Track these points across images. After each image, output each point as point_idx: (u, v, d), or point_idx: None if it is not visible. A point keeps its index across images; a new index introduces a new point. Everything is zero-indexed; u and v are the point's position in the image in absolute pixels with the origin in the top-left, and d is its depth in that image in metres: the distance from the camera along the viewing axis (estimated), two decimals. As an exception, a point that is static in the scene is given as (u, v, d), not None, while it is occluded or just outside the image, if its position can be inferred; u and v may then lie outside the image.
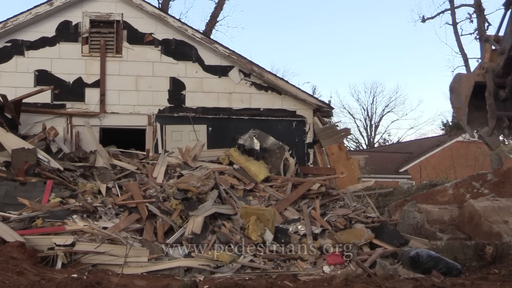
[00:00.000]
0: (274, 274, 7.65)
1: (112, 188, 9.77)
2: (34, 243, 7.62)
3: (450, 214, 11.09)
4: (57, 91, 11.85)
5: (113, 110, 12.03)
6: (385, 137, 54.99)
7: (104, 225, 8.47)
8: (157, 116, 12.14)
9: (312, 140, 12.63)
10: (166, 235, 8.58)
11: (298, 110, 12.67)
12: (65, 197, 9.12)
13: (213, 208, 9.09)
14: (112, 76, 12.07)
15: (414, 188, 19.99)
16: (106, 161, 10.76)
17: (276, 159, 11.84)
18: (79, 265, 7.46)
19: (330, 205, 10.23)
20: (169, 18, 12.47)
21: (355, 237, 8.99)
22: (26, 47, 11.89)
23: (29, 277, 6.23)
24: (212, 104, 12.37)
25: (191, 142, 11.83)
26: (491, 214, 10.05)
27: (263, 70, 12.56)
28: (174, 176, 10.42)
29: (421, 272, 7.86)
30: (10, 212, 8.53)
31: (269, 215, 9.20)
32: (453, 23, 27.21)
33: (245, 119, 12.39)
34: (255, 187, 10.73)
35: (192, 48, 12.41)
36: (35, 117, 11.60)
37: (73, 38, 12.04)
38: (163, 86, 12.25)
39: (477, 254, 9.04)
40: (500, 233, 9.59)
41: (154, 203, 9.02)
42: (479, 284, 6.74)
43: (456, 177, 19.61)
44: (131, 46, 12.20)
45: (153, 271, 7.63)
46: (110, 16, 12.15)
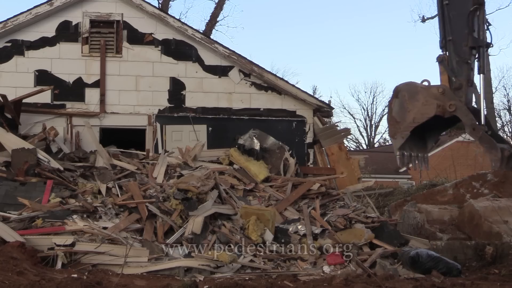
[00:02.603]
0: (274, 274, 7.65)
1: (112, 188, 9.76)
2: (34, 243, 7.61)
3: (450, 214, 11.07)
4: (57, 91, 11.85)
5: (113, 110, 12.03)
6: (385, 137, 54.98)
7: (104, 225, 8.47)
8: (157, 116, 12.14)
9: (312, 140, 12.63)
10: (166, 235, 8.58)
11: (298, 110, 12.66)
12: (65, 197, 9.12)
13: (213, 208, 9.09)
14: (112, 76, 12.07)
15: (414, 188, 19.98)
16: (106, 161, 10.76)
17: (276, 159, 11.84)
18: (79, 265, 7.45)
19: (330, 205, 10.22)
20: (169, 18, 12.47)
21: (355, 237, 8.98)
22: (26, 47, 11.89)
23: (29, 277, 6.22)
24: (212, 104, 12.37)
25: (191, 142, 11.83)
26: (491, 214, 10.03)
27: (263, 70, 12.56)
28: (174, 176, 10.42)
29: (421, 272, 7.86)
30: (10, 212, 8.52)
31: (269, 215, 9.20)
32: (453, 23, 27.08)
33: (245, 119, 12.38)
34: (255, 187, 10.72)
35: (192, 48, 12.41)
36: (35, 117, 11.60)
37: (73, 38, 12.04)
38: (163, 86, 12.25)
39: (477, 254, 9.03)
40: (500, 233, 9.57)
41: (154, 203, 9.02)
42: (479, 284, 6.73)
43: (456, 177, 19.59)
44: (131, 46, 12.20)
45: (153, 271, 7.62)
46: (110, 16, 12.15)
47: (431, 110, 6.63)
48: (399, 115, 6.71)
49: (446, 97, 6.77)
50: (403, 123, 6.69)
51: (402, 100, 6.73)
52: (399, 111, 6.71)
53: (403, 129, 6.63)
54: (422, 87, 6.95)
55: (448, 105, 6.68)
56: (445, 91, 6.82)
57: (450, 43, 7.14)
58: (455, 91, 6.93)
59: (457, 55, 7.06)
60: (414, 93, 6.73)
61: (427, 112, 6.61)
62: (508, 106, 37.35)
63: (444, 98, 6.73)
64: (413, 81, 7.06)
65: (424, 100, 6.66)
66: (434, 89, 6.87)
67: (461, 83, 6.95)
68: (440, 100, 6.68)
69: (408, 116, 6.60)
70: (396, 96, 6.88)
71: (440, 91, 6.80)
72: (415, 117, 6.58)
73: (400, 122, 6.70)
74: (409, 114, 6.58)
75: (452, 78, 7.04)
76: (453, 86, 6.97)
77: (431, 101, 6.63)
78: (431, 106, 6.61)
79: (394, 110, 6.82)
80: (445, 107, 6.69)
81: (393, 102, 6.92)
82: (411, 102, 6.64)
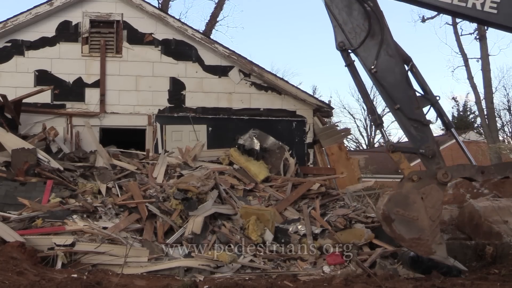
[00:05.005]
0: (274, 274, 7.65)
1: (112, 188, 9.77)
2: (34, 243, 7.61)
3: (450, 214, 11.06)
4: (57, 91, 11.86)
5: (113, 110, 12.03)
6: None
7: (104, 225, 8.47)
8: (157, 116, 12.15)
9: (312, 140, 12.63)
10: (166, 235, 8.58)
11: (298, 110, 12.67)
12: (65, 197, 9.12)
13: (213, 208, 9.09)
14: (112, 76, 12.08)
15: (414, 188, 19.91)
16: (106, 161, 10.76)
17: (276, 159, 11.85)
18: (79, 265, 7.45)
19: (330, 205, 10.22)
20: (169, 18, 12.48)
21: (355, 237, 8.97)
22: (26, 47, 11.90)
23: (29, 277, 6.22)
24: (212, 104, 12.37)
25: (191, 142, 11.84)
26: (491, 214, 10.02)
27: (263, 70, 12.56)
28: (174, 176, 10.42)
29: (421, 272, 7.85)
30: (10, 212, 8.53)
31: (269, 215, 9.20)
32: (453, 23, 27.16)
33: (245, 119, 12.39)
34: (255, 187, 10.73)
35: (192, 48, 12.41)
36: (35, 117, 11.61)
37: (73, 38, 12.05)
38: (163, 86, 12.25)
39: (477, 254, 9.02)
40: (500, 233, 9.56)
41: (154, 203, 9.02)
42: (479, 284, 6.72)
43: (456, 177, 19.55)
44: (131, 46, 12.20)
45: (153, 271, 7.62)
46: (110, 16, 12.16)
47: (438, 194, 5.96)
48: (413, 232, 5.95)
49: (427, 177, 6.22)
50: (425, 233, 5.89)
51: (400, 218, 6.00)
52: (408, 229, 5.94)
53: (432, 237, 5.86)
54: (400, 189, 6.33)
55: (441, 175, 6.16)
56: (420, 174, 6.30)
57: (398, 112, 6.59)
58: (431, 160, 6.41)
59: (412, 121, 6.54)
60: (403, 201, 6.04)
61: (436, 200, 5.95)
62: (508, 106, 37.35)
63: (426, 180, 6.17)
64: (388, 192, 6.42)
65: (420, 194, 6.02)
66: (408, 183, 6.24)
67: (432, 149, 6.45)
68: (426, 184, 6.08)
69: (423, 222, 5.87)
70: (390, 222, 6.01)
71: (416, 179, 6.23)
72: (430, 216, 5.91)
73: (421, 235, 5.93)
74: (421, 220, 5.86)
75: (420, 150, 6.47)
76: (428, 155, 6.42)
77: (428, 187, 5.98)
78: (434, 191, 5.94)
79: (404, 234, 5.98)
80: (439, 180, 6.14)
81: (394, 229, 6.04)
82: (410, 210, 5.95)
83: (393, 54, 6.64)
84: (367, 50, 6.58)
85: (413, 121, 6.53)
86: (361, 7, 6.59)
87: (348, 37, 6.62)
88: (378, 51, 6.54)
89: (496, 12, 6.08)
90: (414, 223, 5.84)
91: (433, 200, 5.92)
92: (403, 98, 6.57)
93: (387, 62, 6.59)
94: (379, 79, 6.56)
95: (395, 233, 5.99)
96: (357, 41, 6.60)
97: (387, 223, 6.01)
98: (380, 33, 6.58)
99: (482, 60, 26.15)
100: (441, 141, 35.01)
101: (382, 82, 6.55)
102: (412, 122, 6.53)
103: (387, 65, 6.61)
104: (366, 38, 6.56)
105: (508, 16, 6.04)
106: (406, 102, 6.57)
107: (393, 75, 6.60)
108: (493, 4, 6.02)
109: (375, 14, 6.59)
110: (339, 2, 6.63)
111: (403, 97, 6.57)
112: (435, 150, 6.46)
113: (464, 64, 27.20)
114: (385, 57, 6.59)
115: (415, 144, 6.53)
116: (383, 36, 6.56)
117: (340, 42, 6.68)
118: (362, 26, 6.58)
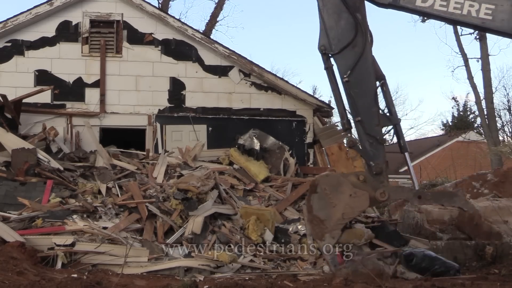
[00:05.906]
0: (274, 274, 7.65)
1: (112, 188, 9.77)
2: (34, 243, 7.62)
3: (450, 214, 11.06)
4: (57, 91, 11.85)
5: (113, 110, 12.03)
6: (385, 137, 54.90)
7: (104, 225, 8.47)
8: (157, 116, 12.14)
9: (312, 140, 12.63)
10: (166, 235, 8.58)
11: (298, 110, 12.66)
12: (65, 197, 9.12)
13: (213, 208, 9.09)
14: (112, 76, 12.07)
15: (414, 188, 19.92)
16: (106, 161, 10.76)
17: (276, 159, 11.84)
18: (79, 265, 7.45)
19: (330, 205, 10.22)
20: (169, 18, 12.47)
21: (355, 237, 8.97)
22: (26, 47, 11.89)
23: (29, 277, 6.22)
24: (212, 104, 12.37)
25: (191, 142, 11.83)
26: (491, 214, 10.03)
27: (263, 70, 12.56)
28: (174, 176, 10.42)
29: (417, 272, 7.85)
30: (10, 212, 8.53)
31: (269, 215, 9.20)
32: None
33: (245, 119, 12.38)
34: (255, 187, 10.73)
35: (192, 48, 12.41)
36: (35, 117, 11.60)
37: (73, 38, 12.04)
38: (163, 86, 12.25)
39: (477, 254, 9.03)
40: (500, 233, 9.57)
41: (154, 203, 9.02)
42: (479, 284, 6.73)
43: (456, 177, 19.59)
44: (131, 46, 12.20)
45: (153, 271, 7.62)
46: (110, 16, 12.15)
47: (363, 203, 6.00)
48: (322, 213, 6.03)
49: (369, 185, 6.25)
50: (329, 221, 5.98)
51: (323, 195, 6.07)
52: (321, 208, 6.05)
53: (332, 228, 5.94)
54: (343, 176, 6.47)
55: (379, 194, 6.21)
56: (367, 179, 6.32)
57: (358, 124, 6.68)
58: (376, 177, 6.46)
59: (369, 136, 6.62)
60: (336, 185, 6.11)
61: (358, 205, 6.01)
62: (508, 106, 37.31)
63: (367, 186, 6.19)
64: (332, 172, 6.71)
65: (352, 191, 6.05)
66: (353, 177, 6.33)
67: (380, 167, 6.52)
68: (363, 188, 6.10)
69: (335, 212, 5.95)
70: (314, 191, 6.13)
71: (361, 179, 6.28)
72: (344, 213, 5.95)
73: (325, 220, 6.00)
74: (335, 210, 5.94)
75: (370, 162, 6.57)
76: (374, 171, 6.48)
77: (361, 192, 6.01)
78: (363, 198, 5.94)
79: (314, 208, 6.13)
80: (376, 197, 6.18)
81: (311, 199, 6.18)
82: (335, 195, 6.01)
83: (368, 69, 6.73)
84: (344, 58, 6.70)
85: (370, 137, 6.64)
86: (349, 18, 6.67)
87: (331, 42, 6.73)
88: (355, 62, 6.63)
89: (491, 18, 6.11)
90: (329, 207, 5.93)
91: (357, 204, 6.01)
92: (366, 112, 6.66)
93: (360, 75, 6.68)
94: (349, 88, 6.66)
95: (309, 202, 6.18)
96: (338, 48, 6.71)
97: (310, 191, 6.24)
98: (362, 46, 6.67)
99: (482, 60, 26.15)
100: (441, 141, 35.13)
101: (351, 92, 6.65)
102: (369, 138, 6.64)
103: (360, 78, 6.69)
104: (346, 47, 6.66)
105: (504, 22, 6.06)
106: (368, 117, 6.66)
107: (362, 89, 6.69)
108: (488, 11, 6.04)
109: (361, 28, 6.68)
110: (330, 8, 6.71)
111: (366, 112, 6.67)
112: (383, 168, 6.55)
113: (464, 64, 27.20)
114: (359, 70, 6.67)
115: (367, 158, 6.65)
116: (364, 49, 6.66)
117: (322, 45, 6.81)
118: (346, 35, 6.68)
